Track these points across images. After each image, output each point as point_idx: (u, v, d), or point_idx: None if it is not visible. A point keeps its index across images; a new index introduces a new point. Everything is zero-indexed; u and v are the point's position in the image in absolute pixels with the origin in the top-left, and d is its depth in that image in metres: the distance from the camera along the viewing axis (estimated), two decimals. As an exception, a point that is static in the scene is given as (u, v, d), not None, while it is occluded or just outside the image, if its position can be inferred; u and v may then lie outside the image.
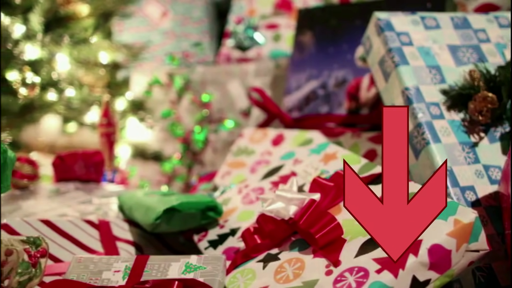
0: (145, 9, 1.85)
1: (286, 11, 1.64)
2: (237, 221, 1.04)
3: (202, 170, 1.62)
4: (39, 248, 0.77)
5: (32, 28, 1.46)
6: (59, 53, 1.53)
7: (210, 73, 1.63)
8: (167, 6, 1.88)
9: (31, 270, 0.75)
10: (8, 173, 0.89)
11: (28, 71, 1.45)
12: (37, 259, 0.76)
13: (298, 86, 1.39)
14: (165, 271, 0.88)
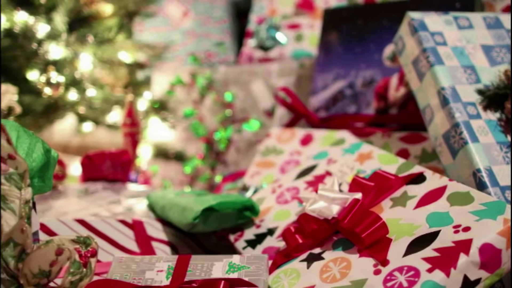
0: (166, 9, 1.85)
1: (307, 11, 1.64)
2: (273, 221, 1.04)
3: (225, 170, 1.62)
4: (88, 248, 0.77)
5: (56, 27, 1.46)
6: (83, 53, 1.52)
7: (233, 73, 1.63)
8: (188, 6, 1.88)
9: (82, 270, 0.75)
10: (51, 173, 0.89)
11: (53, 71, 1.45)
12: (88, 259, 0.76)
13: (325, 86, 1.39)
14: (208, 271, 0.88)
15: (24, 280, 0.76)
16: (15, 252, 0.77)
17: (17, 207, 0.77)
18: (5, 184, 0.77)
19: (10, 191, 0.77)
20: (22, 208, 0.76)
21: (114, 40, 1.57)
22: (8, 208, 0.77)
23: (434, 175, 0.93)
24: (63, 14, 1.45)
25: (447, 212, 0.84)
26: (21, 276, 0.77)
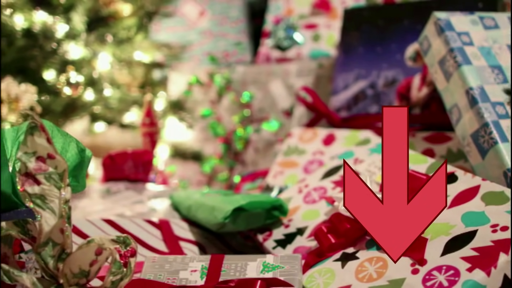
0: (183, 9, 1.85)
1: (324, 11, 1.64)
2: (302, 221, 1.04)
3: (244, 170, 1.62)
4: (128, 248, 0.77)
5: (74, 27, 1.46)
6: (102, 53, 1.52)
7: (251, 73, 1.63)
8: (204, 6, 1.88)
9: (122, 270, 0.75)
10: (84, 172, 0.89)
11: (72, 70, 1.45)
12: (127, 259, 0.76)
13: (346, 86, 1.39)
14: (243, 271, 0.88)
15: (64, 280, 0.76)
16: (54, 252, 0.77)
17: (56, 207, 0.77)
18: (44, 183, 0.77)
19: (49, 190, 0.77)
20: (62, 207, 0.76)
21: (133, 40, 1.57)
22: (48, 208, 0.76)
23: (466, 174, 0.93)
24: (82, 13, 1.44)
25: (483, 211, 0.84)
26: (61, 276, 0.77)
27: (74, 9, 1.45)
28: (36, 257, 0.78)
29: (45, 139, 0.76)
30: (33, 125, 0.76)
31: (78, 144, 0.88)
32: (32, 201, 0.76)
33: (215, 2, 1.87)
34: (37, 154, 0.77)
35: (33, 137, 0.76)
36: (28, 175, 0.76)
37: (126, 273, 0.76)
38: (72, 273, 0.76)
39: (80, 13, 1.44)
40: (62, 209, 0.76)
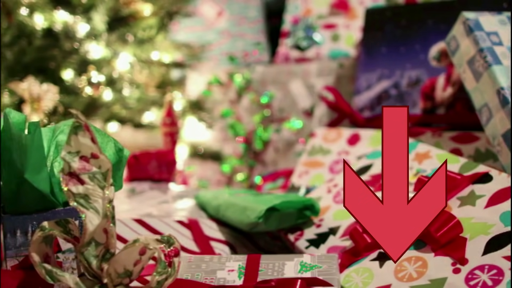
0: (201, 9, 1.85)
1: (343, 11, 1.65)
2: (334, 220, 1.03)
3: (264, 170, 1.62)
4: (171, 247, 0.77)
5: (95, 27, 1.45)
6: (123, 52, 1.52)
7: (271, 73, 1.63)
8: (222, 6, 1.87)
9: (167, 269, 0.75)
10: (122, 172, 0.89)
11: (93, 70, 1.44)
12: (171, 258, 0.76)
13: (369, 86, 1.39)
14: (281, 270, 0.88)
15: (108, 280, 0.76)
16: (97, 251, 0.77)
17: (100, 207, 0.76)
18: (88, 183, 0.76)
19: (93, 190, 0.76)
20: (106, 207, 0.76)
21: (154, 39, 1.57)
22: (91, 208, 0.76)
23: (500, 174, 0.93)
24: (103, 13, 1.44)
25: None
26: (105, 276, 0.76)
27: (95, 8, 1.45)
28: (79, 256, 0.77)
29: (90, 139, 0.76)
30: (77, 124, 0.76)
31: (116, 143, 0.88)
32: (76, 200, 0.76)
33: (233, 2, 1.86)
34: (80, 153, 0.76)
35: (77, 137, 0.76)
36: (72, 175, 0.76)
37: (170, 273, 0.75)
38: (117, 273, 0.76)
39: (101, 12, 1.44)
40: (106, 208, 0.76)
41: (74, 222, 0.82)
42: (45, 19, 1.46)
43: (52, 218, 0.88)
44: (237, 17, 1.86)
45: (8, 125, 0.84)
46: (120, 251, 0.75)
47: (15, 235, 0.85)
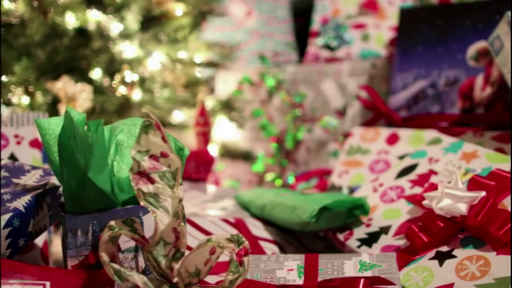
0: (230, 8, 1.84)
1: (372, 11, 1.65)
2: (384, 220, 1.03)
3: (296, 169, 1.62)
4: (241, 247, 0.76)
5: (128, 26, 1.45)
6: (156, 52, 1.51)
7: (302, 73, 1.63)
8: (251, 6, 1.87)
9: (239, 269, 0.75)
10: (182, 171, 0.88)
11: (127, 70, 1.44)
12: (242, 258, 0.76)
13: (405, 86, 1.39)
14: (340, 270, 0.88)
15: (179, 279, 0.76)
16: (166, 251, 0.77)
17: (170, 206, 0.76)
18: (158, 182, 0.76)
19: (163, 189, 0.76)
20: (176, 206, 0.75)
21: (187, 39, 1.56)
22: (161, 207, 0.76)
23: (555, 173, 0.93)
24: (136, 12, 1.43)
25: None
26: (175, 276, 0.76)
27: (127, 8, 1.44)
28: (148, 256, 0.77)
29: (160, 138, 0.76)
30: (147, 123, 0.76)
31: (177, 142, 0.88)
32: (146, 199, 0.76)
33: (262, 2, 1.86)
34: (150, 152, 0.76)
35: (148, 136, 0.76)
36: (141, 174, 0.76)
37: (241, 272, 0.75)
38: (188, 272, 0.75)
39: (133, 12, 1.43)
40: (176, 208, 0.75)
41: (138, 221, 0.81)
42: (77, 18, 1.45)
43: (112, 218, 0.88)
44: (266, 16, 1.86)
45: (71, 124, 0.83)
46: (193, 250, 0.74)
47: (76, 235, 0.85)
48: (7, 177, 0.96)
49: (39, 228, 0.94)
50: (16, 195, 0.91)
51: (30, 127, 1.20)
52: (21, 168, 0.99)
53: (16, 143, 1.17)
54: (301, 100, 1.60)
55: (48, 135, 0.88)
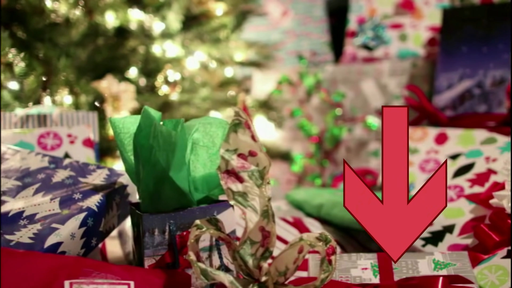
0: (266, 8, 1.84)
1: (408, 10, 1.65)
2: (446, 219, 1.04)
3: (335, 169, 1.62)
4: (328, 245, 0.76)
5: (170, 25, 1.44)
6: (198, 51, 1.51)
7: (341, 72, 1.63)
8: (287, 5, 1.87)
9: (329, 267, 0.75)
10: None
11: (169, 69, 1.43)
12: (330, 256, 0.76)
13: (450, 85, 1.39)
14: (415, 268, 0.88)
15: (269, 278, 0.76)
16: (253, 250, 0.77)
17: (257, 205, 0.76)
18: (247, 181, 0.76)
19: (251, 188, 0.76)
20: (264, 205, 0.75)
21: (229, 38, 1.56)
22: (249, 206, 0.76)
23: None
24: (177, 12, 1.43)
25: None
26: (263, 275, 0.76)
27: (168, 7, 1.44)
28: (234, 255, 0.77)
29: (250, 136, 0.76)
30: (237, 122, 0.75)
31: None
32: (235, 198, 0.75)
33: (298, 2, 1.86)
34: (238, 151, 0.76)
35: (237, 134, 0.75)
36: (230, 172, 0.76)
37: (331, 271, 0.75)
38: (278, 271, 0.75)
39: (175, 11, 1.43)
40: (264, 207, 0.75)
41: (221, 220, 0.81)
42: (117, 18, 1.45)
43: (188, 217, 0.88)
44: (302, 16, 1.86)
45: (148, 122, 0.83)
46: (285, 249, 0.74)
47: (153, 234, 0.85)
48: (73, 176, 0.96)
49: (108, 228, 0.94)
50: (86, 194, 0.91)
51: (82, 127, 1.19)
52: (86, 167, 0.99)
53: (70, 143, 1.16)
54: (340, 100, 1.60)
55: (123, 133, 0.88)
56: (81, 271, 0.76)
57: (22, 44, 1.30)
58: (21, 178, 0.95)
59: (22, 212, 0.87)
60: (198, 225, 0.77)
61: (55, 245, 0.81)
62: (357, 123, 1.59)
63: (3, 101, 1.26)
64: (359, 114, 1.59)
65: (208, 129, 0.88)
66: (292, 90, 1.69)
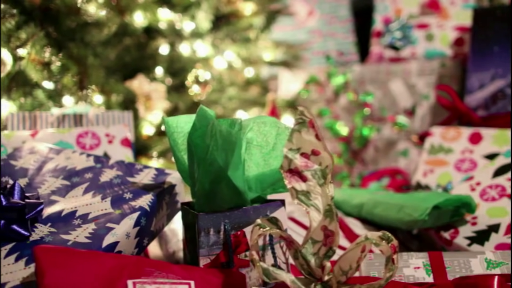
0: (293, 8, 1.84)
1: (434, 10, 1.65)
2: (490, 218, 1.04)
3: (364, 169, 1.62)
4: (389, 244, 0.76)
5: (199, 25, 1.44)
6: (227, 51, 1.51)
7: (369, 72, 1.63)
8: (313, 5, 1.87)
9: (393, 266, 0.75)
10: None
11: (200, 69, 1.43)
12: (393, 255, 0.76)
13: (482, 85, 1.40)
14: (468, 267, 0.88)
15: (333, 278, 0.76)
16: (315, 249, 0.77)
17: (320, 204, 0.76)
18: (310, 180, 0.76)
19: (314, 187, 0.76)
20: (326, 205, 0.75)
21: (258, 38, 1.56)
22: (312, 205, 0.76)
23: None
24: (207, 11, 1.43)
25: None
26: (326, 274, 0.76)
27: (197, 7, 1.43)
28: (296, 254, 0.77)
29: (314, 135, 0.75)
30: (300, 121, 0.75)
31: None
32: (298, 197, 0.75)
33: (323, 1, 1.86)
34: (301, 150, 0.76)
35: (300, 134, 0.75)
36: (293, 172, 0.76)
37: (394, 269, 0.75)
38: (342, 270, 0.75)
39: (205, 10, 1.43)
40: (327, 206, 0.75)
41: (280, 220, 0.81)
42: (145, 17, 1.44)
43: (243, 216, 0.87)
44: (328, 16, 1.86)
45: (204, 122, 0.83)
46: (350, 248, 0.74)
47: (208, 234, 0.84)
48: (121, 175, 0.96)
49: (158, 228, 0.94)
50: (136, 193, 0.91)
51: (120, 126, 1.19)
52: (132, 167, 0.98)
53: (108, 142, 1.16)
54: (369, 100, 1.60)
55: (177, 133, 0.88)
56: (143, 270, 0.76)
57: (56, 44, 1.29)
58: (69, 178, 0.95)
59: (75, 211, 0.87)
60: (260, 224, 0.77)
61: (112, 244, 0.81)
62: (386, 123, 1.59)
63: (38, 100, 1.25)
64: (388, 114, 1.59)
65: (262, 128, 0.88)
66: (320, 90, 1.68)
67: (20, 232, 0.81)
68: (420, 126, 1.56)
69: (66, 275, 0.70)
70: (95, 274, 0.72)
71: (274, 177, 0.88)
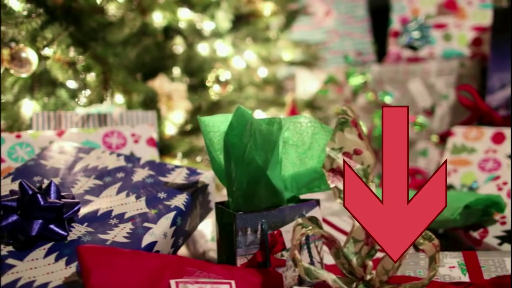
0: (310, 8, 1.84)
1: (452, 10, 1.66)
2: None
3: (383, 168, 1.62)
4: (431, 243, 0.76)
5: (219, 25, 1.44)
6: (247, 51, 1.51)
7: (387, 72, 1.63)
8: (330, 5, 1.87)
9: (435, 265, 0.75)
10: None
11: (220, 68, 1.43)
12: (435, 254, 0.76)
13: (503, 85, 1.40)
14: (503, 267, 0.88)
15: (375, 277, 0.76)
16: (356, 248, 0.77)
17: (362, 203, 0.76)
18: (353, 180, 0.76)
19: (356, 187, 0.76)
20: (370, 204, 0.75)
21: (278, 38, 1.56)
22: (354, 204, 0.76)
23: None
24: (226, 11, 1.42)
25: None
26: (368, 273, 0.76)
27: (217, 6, 1.43)
28: (338, 253, 0.77)
29: (357, 135, 0.75)
30: (343, 120, 0.75)
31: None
32: (340, 197, 0.75)
33: (340, 1, 1.86)
34: (344, 149, 0.76)
35: (343, 133, 0.75)
36: (335, 171, 0.76)
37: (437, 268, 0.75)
38: (384, 269, 0.75)
39: (225, 10, 1.42)
40: (369, 205, 0.75)
41: (320, 219, 0.81)
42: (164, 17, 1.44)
43: (279, 216, 0.87)
44: (345, 16, 1.86)
45: (241, 121, 0.82)
46: (393, 247, 0.74)
47: (245, 233, 0.84)
48: (153, 175, 0.95)
49: (192, 227, 0.94)
50: (170, 193, 0.91)
51: (145, 126, 1.19)
52: (164, 166, 0.98)
53: (134, 142, 1.16)
54: (387, 99, 1.60)
55: (213, 132, 0.88)
56: (185, 270, 0.75)
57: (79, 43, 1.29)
58: (101, 177, 0.95)
59: (111, 211, 0.86)
60: (303, 224, 0.77)
61: (151, 244, 0.81)
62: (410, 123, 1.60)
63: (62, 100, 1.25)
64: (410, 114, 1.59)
65: (298, 128, 0.88)
66: (338, 89, 1.68)
67: (58, 232, 0.81)
68: (439, 126, 1.56)
69: (112, 275, 0.70)
70: (138, 273, 0.72)
71: (309, 176, 0.88)
